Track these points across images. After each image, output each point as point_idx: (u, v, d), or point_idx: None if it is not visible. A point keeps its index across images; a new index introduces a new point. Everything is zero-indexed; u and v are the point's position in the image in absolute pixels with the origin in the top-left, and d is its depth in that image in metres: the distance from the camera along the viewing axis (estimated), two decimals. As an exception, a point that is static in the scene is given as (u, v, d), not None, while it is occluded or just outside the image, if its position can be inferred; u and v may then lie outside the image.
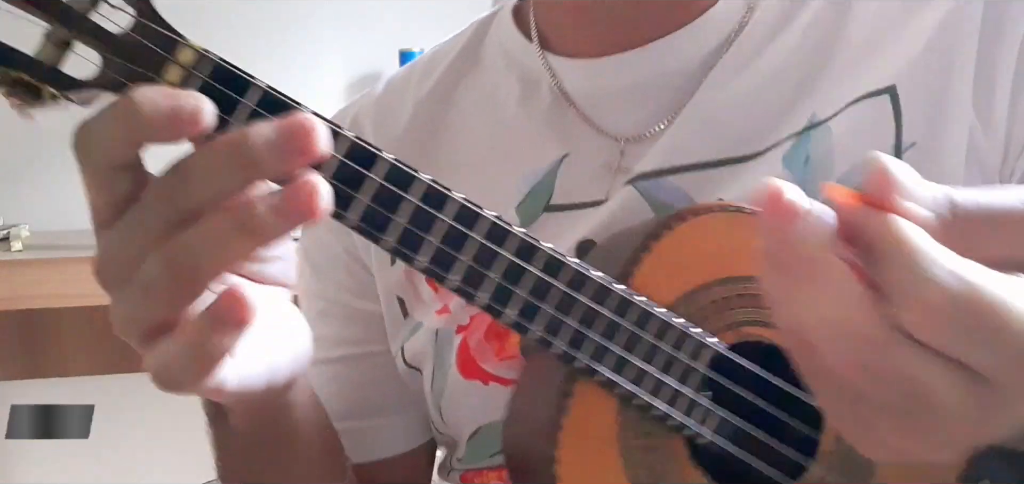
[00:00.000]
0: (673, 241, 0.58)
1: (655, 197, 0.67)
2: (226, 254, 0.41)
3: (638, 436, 0.56)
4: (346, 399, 0.75)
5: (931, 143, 0.63)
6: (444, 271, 0.50)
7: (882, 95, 0.64)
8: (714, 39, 0.69)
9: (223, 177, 0.41)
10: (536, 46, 0.73)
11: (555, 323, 0.53)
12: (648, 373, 0.55)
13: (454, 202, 0.50)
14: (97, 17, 0.44)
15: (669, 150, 0.68)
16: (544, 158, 0.71)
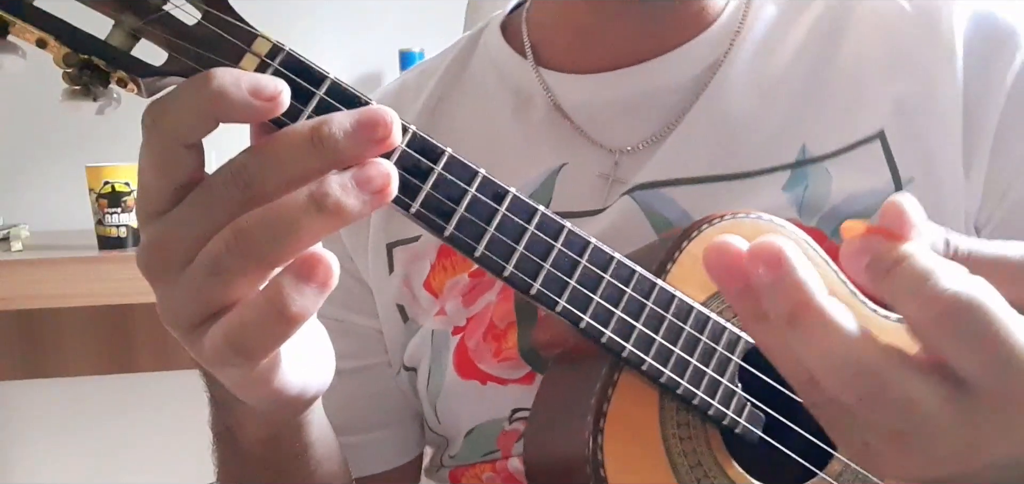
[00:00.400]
0: (702, 244, 0.59)
1: (652, 208, 0.68)
2: (301, 234, 0.41)
3: (677, 425, 0.57)
4: (343, 413, 0.74)
5: (928, 178, 0.65)
6: (503, 261, 0.51)
7: (873, 141, 0.67)
8: (707, 59, 0.71)
9: (303, 161, 0.42)
10: (530, 61, 0.75)
11: (604, 313, 0.54)
12: (690, 363, 0.56)
13: (509, 195, 0.51)
14: (170, 7, 0.45)
15: (666, 163, 0.69)
16: (541, 167, 0.72)
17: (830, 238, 0.65)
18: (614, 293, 0.54)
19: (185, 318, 0.44)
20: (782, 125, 0.69)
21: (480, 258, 0.51)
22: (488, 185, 0.51)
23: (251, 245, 0.41)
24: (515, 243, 0.52)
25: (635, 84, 0.71)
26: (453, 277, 0.72)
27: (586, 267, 0.53)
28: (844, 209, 0.65)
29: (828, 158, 0.67)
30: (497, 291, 0.70)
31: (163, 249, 0.43)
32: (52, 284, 1.61)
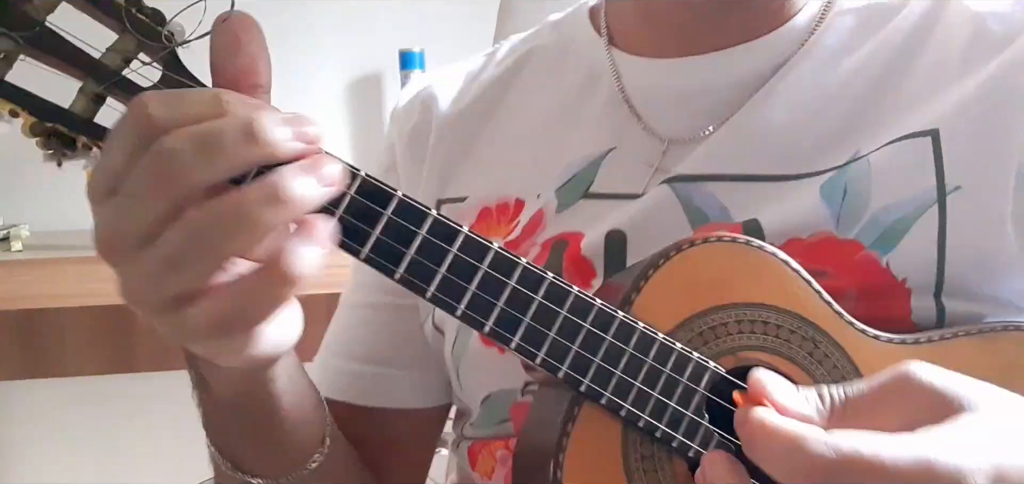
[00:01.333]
0: (672, 270, 0.60)
1: (689, 200, 0.70)
2: (257, 226, 0.44)
3: (641, 457, 0.58)
4: (369, 343, 0.80)
5: (977, 185, 0.65)
6: (454, 301, 0.53)
7: (924, 137, 0.66)
8: (772, 60, 0.72)
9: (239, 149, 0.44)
10: (604, 42, 0.78)
11: (559, 348, 0.56)
12: (650, 395, 0.57)
13: (461, 235, 0.53)
14: (129, 73, 0.48)
15: (710, 157, 0.71)
16: (593, 148, 0.75)
17: (868, 249, 0.65)
18: (571, 328, 0.56)
19: (147, 302, 0.46)
20: (839, 130, 0.69)
21: (432, 298, 0.53)
22: (439, 226, 0.53)
23: (208, 241, 0.44)
24: (466, 283, 0.54)
25: (697, 74, 0.73)
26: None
27: (541, 303, 0.55)
28: (883, 219, 0.65)
29: (873, 152, 0.67)
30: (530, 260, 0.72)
31: (111, 231, 0.46)
32: (52, 284, 1.65)
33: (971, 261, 0.64)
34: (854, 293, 0.64)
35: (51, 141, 0.48)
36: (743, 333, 0.60)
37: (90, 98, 0.49)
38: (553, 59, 0.82)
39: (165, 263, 0.44)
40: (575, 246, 0.71)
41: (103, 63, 0.48)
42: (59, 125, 0.48)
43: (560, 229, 0.73)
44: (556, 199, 0.74)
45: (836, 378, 0.59)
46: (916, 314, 0.64)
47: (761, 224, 0.67)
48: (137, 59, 0.48)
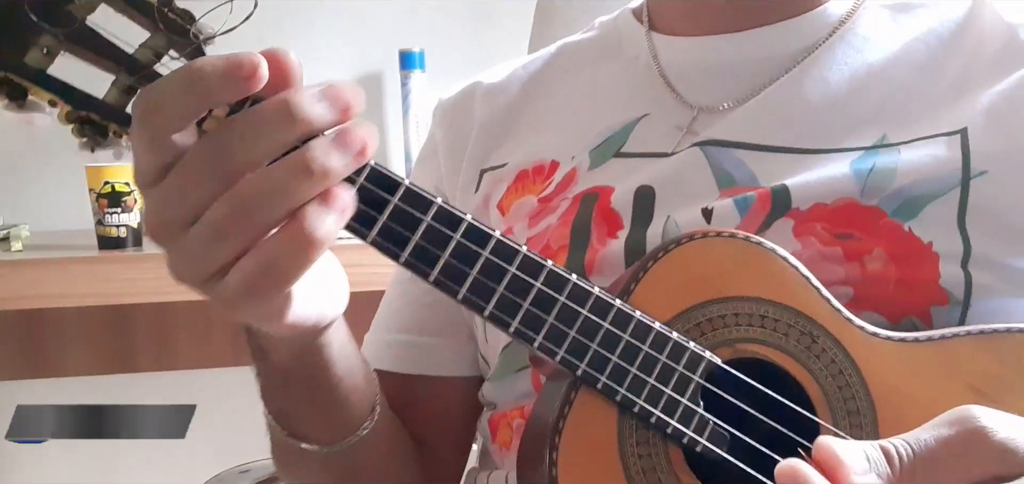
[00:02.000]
0: (671, 262, 0.62)
1: (719, 164, 0.73)
2: (293, 198, 0.49)
3: (636, 443, 0.59)
4: (409, 314, 0.85)
5: (1003, 171, 0.67)
6: (456, 285, 0.57)
7: (953, 136, 0.69)
8: (806, 40, 0.76)
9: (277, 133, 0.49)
10: (645, 27, 0.83)
11: (557, 334, 0.58)
12: (646, 382, 0.59)
13: (464, 223, 0.57)
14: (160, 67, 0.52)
15: (741, 126, 0.74)
16: (625, 115, 0.80)
17: (891, 216, 0.67)
18: (569, 314, 0.58)
19: (196, 276, 0.51)
20: (867, 116, 0.72)
21: (435, 281, 0.57)
22: (444, 214, 0.56)
23: (249, 213, 0.49)
24: (468, 268, 0.57)
25: (730, 50, 0.77)
26: (521, 197, 0.81)
27: (540, 289, 0.58)
28: (908, 191, 0.68)
29: (903, 144, 0.70)
30: (559, 214, 0.76)
31: (161, 217, 0.51)
32: (52, 284, 1.64)
33: (995, 233, 0.66)
34: (883, 255, 0.66)
35: (85, 129, 0.53)
36: (741, 326, 0.61)
37: (122, 90, 0.53)
38: (595, 48, 0.87)
39: (211, 237, 0.50)
40: (605, 199, 0.75)
41: (136, 58, 0.53)
42: (92, 114, 0.53)
43: (591, 184, 0.77)
44: (589, 159, 0.78)
45: (833, 373, 0.61)
46: (945, 279, 0.66)
47: (789, 188, 0.69)
48: (167, 55, 0.53)
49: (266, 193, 0.49)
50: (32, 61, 0.51)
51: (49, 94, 0.52)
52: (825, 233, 0.68)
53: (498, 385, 0.78)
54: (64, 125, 0.52)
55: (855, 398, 0.60)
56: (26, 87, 0.52)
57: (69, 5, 0.50)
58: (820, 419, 0.60)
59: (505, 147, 0.85)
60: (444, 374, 0.85)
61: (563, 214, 0.76)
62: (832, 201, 0.68)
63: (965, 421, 0.51)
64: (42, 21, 0.50)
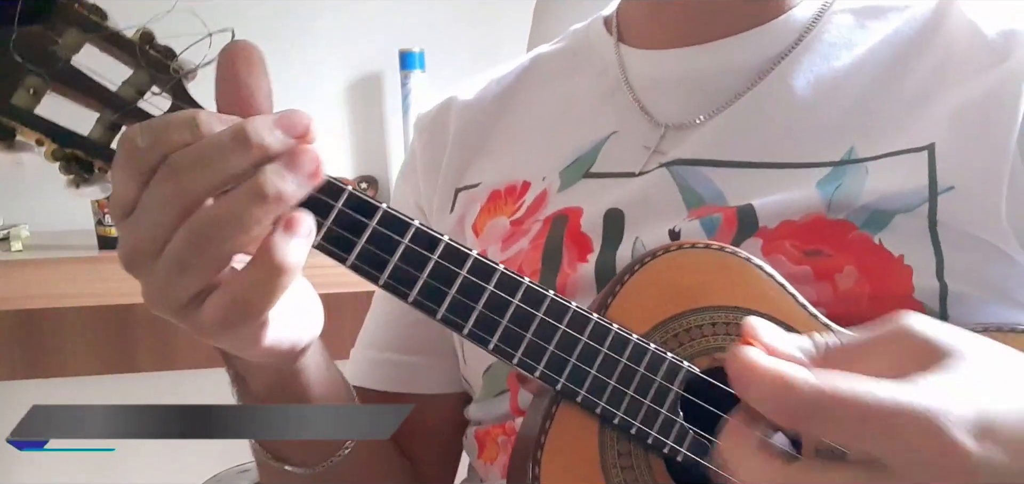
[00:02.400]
0: (647, 275, 0.64)
1: (686, 183, 0.74)
2: (249, 224, 0.51)
3: (618, 454, 0.61)
4: (393, 333, 0.86)
5: (969, 186, 0.67)
6: (435, 305, 0.58)
7: (920, 152, 0.69)
8: (774, 48, 0.77)
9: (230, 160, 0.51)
10: (614, 39, 0.84)
11: (536, 349, 0.60)
12: (625, 394, 0.60)
13: (442, 243, 0.58)
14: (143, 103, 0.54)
15: (707, 143, 0.75)
16: (596, 133, 0.80)
17: (861, 229, 0.68)
18: (547, 329, 0.60)
19: (168, 307, 0.53)
20: (835, 125, 0.72)
21: (414, 302, 0.58)
22: (421, 235, 0.58)
23: (207, 242, 0.51)
24: (446, 287, 0.58)
25: (696, 62, 0.78)
26: (494, 218, 0.81)
27: (518, 306, 0.59)
28: (875, 205, 0.68)
29: (870, 159, 0.70)
30: (530, 237, 0.77)
31: (128, 247, 0.53)
32: (52, 284, 1.67)
33: (966, 244, 0.67)
34: (854, 271, 0.66)
35: (71, 166, 0.55)
36: (718, 335, 0.62)
37: (106, 126, 0.55)
38: (566, 59, 0.88)
39: (174, 267, 0.51)
40: (575, 221, 0.76)
41: (119, 95, 0.55)
42: (78, 151, 0.55)
43: (561, 205, 0.78)
44: (559, 180, 0.79)
45: None
46: (919, 292, 0.66)
47: (755, 207, 0.70)
48: (150, 91, 0.55)
49: (221, 221, 0.51)
50: (19, 102, 0.53)
51: (36, 133, 0.54)
52: (794, 251, 0.68)
53: (481, 406, 0.79)
54: (51, 163, 0.54)
55: None
56: (14, 127, 0.54)
57: (54, 46, 0.52)
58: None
59: (478, 165, 0.86)
60: (429, 392, 0.86)
61: (534, 237, 0.77)
62: (799, 218, 0.69)
63: (895, 320, 0.51)
64: (28, 62, 0.52)
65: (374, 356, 0.87)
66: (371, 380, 0.86)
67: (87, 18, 0.53)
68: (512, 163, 0.84)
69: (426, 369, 0.86)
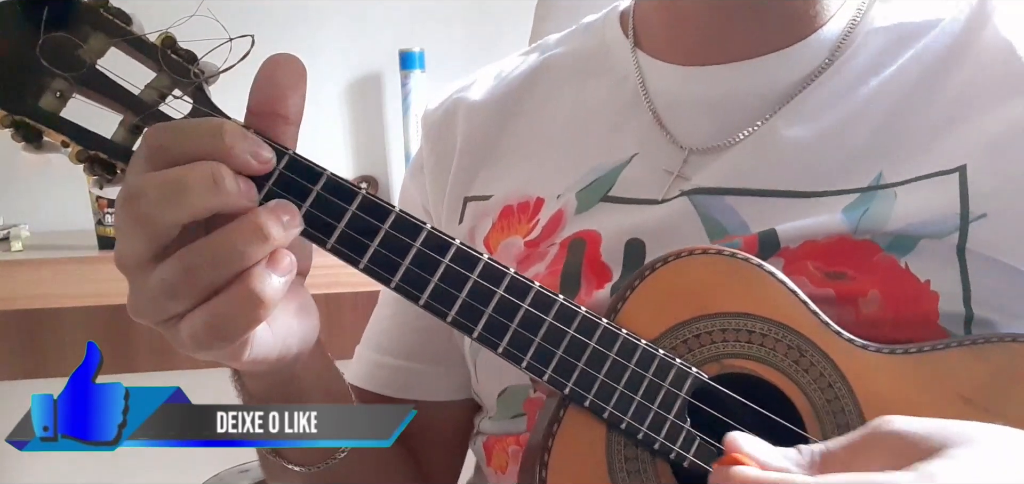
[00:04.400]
0: (657, 281, 0.64)
1: (708, 213, 0.72)
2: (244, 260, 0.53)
3: (625, 459, 0.61)
4: (397, 338, 0.86)
5: (1002, 212, 0.65)
6: (445, 307, 0.59)
7: (951, 175, 0.67)
8: (800, 71, 0.73)
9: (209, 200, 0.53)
10: (630, 43, 0.81)
11: (544, 353, 0.60)
12: (632, 399, 0.60)
13: (453, 247, 0.59)
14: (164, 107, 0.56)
15: (731, 170, 0.72)
16: (616, 154, 0.77)
17: (886, 251, 0.66)
18: (555, 334, 0.60)
19: (149, 319, 0.55)
20: (863, 151, 0.70)
21: (425, 305, 0.59)
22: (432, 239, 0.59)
23: (202, 274, 0.53)
24: (457, 291, 0.59)
25: (722, 83, 0.74)
26: (507, 237, 0.79)
27: (527, 311, 0.60)
28: (902, 233, 0.66)
29: (899, 185, 0.68)
30: (547, 262, 0.75)
31: (119, 256, 0.55)
32: (52, 284, 1.67)
33: (996, 274, 0.65)
34: (878, 296, 0.66)
35: (94, 167, 0.56)
36: (727, 341, 0.62)
37: (129, 129, 0.57)
38: (581, 60, 0.84)
39: (163, 292, 0.53)
40: (594, 248, 0.74)
41: (141, 98, 0.56)
42: (101, 153, 0.57)
43: (579, 228, 0.76)
44: (576, 200, 0.77)
45: (822, 386, 0.62)
46: (944, 319, 0.65)
47: (777, 232, 0.69)
48: (171, 94, 0.56)
49: (221, 258, 0.53)
50: (46, 105, 0.55)
51: (62, 136, 0.56)
52: (817, 273, 0.67)
53: (495, 423, 0.79)
54: (75, 164, 0.56)
55: (844, 411, 0.61)
56: (41, 130, 0.55)
57: (79, 50, 0.54)
58: (809, 433, 0.61)
59: (488, 173, 0.83)
60: (436, 399, 0.86)
61: (551, 262, 0.76)
62: (823, 238, 0.68)
63: (874, 421, 0.52)
64: (54, 66, 0.54)
65: (380, 360, 0.87)
66: (376, 384, 0.86)
67: (112, 23, 0.55)
68: (525, 176, 0.81)
69: (433, 376, 0.85)
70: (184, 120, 0.56)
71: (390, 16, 2.07)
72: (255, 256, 0.53)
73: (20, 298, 1.60)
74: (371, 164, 2.11)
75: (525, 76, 0.86)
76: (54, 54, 0.54)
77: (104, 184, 0.57)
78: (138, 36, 0.55)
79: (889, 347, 0.63)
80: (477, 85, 0.88)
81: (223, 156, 0.54)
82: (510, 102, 0.85)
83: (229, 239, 0.53)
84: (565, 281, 0.74)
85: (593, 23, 0.87)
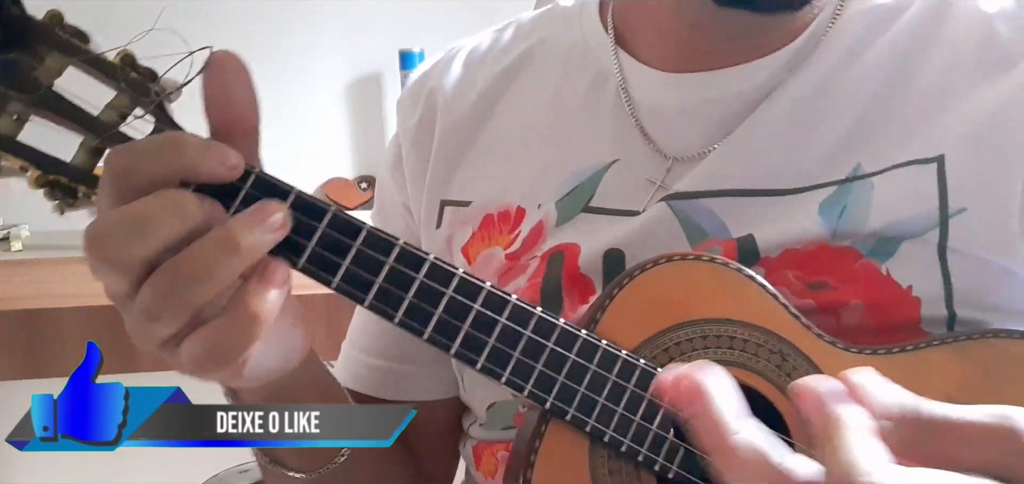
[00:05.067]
0: (636, 289, 0.63)
1: (687, 217, 0.70)
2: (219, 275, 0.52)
3: (609, 472, 0.61)
4: (384, 339, 0.85)
5: (982, 208, 0.65)
6: (421, 325, 0.58)
7: (929, 164, 0.66)
8: (781, 69, 0.71)
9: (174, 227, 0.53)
10: (611, 41, 0.78)
11: (523, 368, 0.60)
12: (614, 411, 0.60)
13: (427, 263, 0.58)
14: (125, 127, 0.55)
15: (710, 173, 0.71)
16: (596, 159, 0.75)
17: (867, 257, 0.66)
18: (534, 348, 0.60)
19: (145, 345, 0.55)
20: (841, 142, 0.68)
21: (400, 323, 0.59)
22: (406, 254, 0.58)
23: (174, 295, 0.52)
24: (433, 308, 0.59)
25: (706, 90, 0.72)
26: (488, 248, 0.78)
27: (505, 325, 0.59)
28: (882, 233, 0.65)
29: (876, 174, 0.67)
30: (528, 276, 0.74)
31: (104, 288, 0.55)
32: (52, 284, 1.69)
33: (976, 270, 0.65)
34: (860, 305, 0.65)
35: (55, 192, 0.56)
36: (709, 348, 0.62)
37: (89, 152, 0.56)
38: (559, 54, 0.81)
39: (143, 316, 0.53)
40: (572, 260, 0.73)
41: (101, 119, 0.55)
42: (62, 177, 0.56)
43: (558, 241, 0.74)
44: (556, 211, 0.75)
45: None
46: (926, 323, 0.64)
47: (756, 239, 0.68)
48: (132, 114, 0.55)
49: (195, 275, 0.52)
50: (2, 128, 0.54)
51: (19, 160, 0.55)
52: (797, 283, 0.66)
53: (485, 431, 0.78)
54: (35, 189, 0.56)
55: None
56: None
57: (35, 71, 0.53)
58: (793, 438, 0.60)
59: (465, 174, 0.81)
60: (424, 399, 0.85)
61: (531, 276, 0.74)
62: (802, 246, 0.67)
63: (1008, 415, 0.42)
64: (9, 88, 0.53)
65: (367, 361, 0.86)
66: (363, 385, 0.86)
67: (69, 42, 0.53)
68: (504, 181, 0.79)
69: (420, 377, 0.85)
70: (145, 140, 0.55)
71: (390, 16, 2.07)
72: (230, 268, 0.52)
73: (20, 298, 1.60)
74: (371, 164, 2.11)
75: (502, 70, 0.83)
76: (9, 75, 0.53)
77: (66, 209, 0.56)
78: (96, 55, 0.54)
79: (871, 348, 0.63)
80: (452, 70, 0.85)
81: (189, 171, 0.53)
82: (487, 100, 0.82)
83: (199, 254, 0.52)
84: (545, 296, 0.73)
85: (570, 11, 0.84)
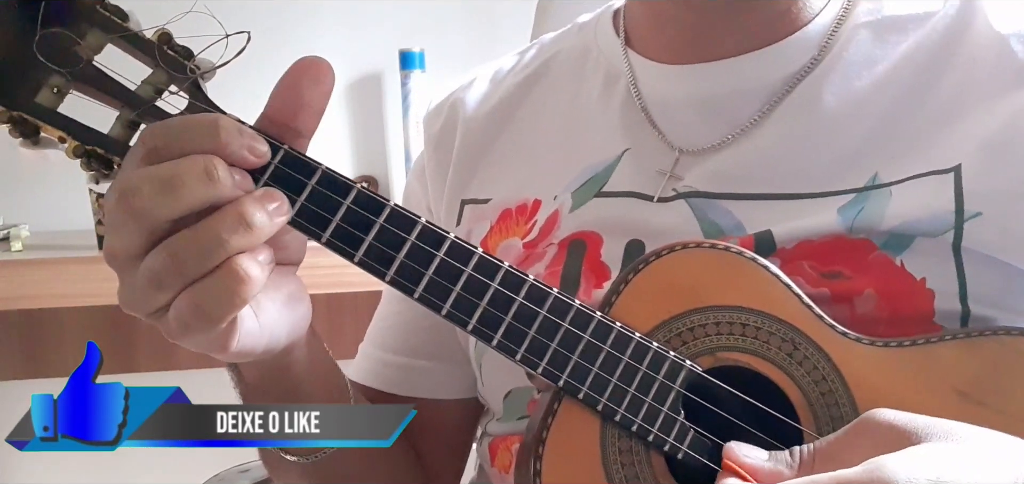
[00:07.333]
0: (652, 274, 0.64)
1: (706, 215, 0.72)
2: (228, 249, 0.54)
3: (619, 451, 0.62)
4: (401, 335, 0.87)
5: (997, 213, 0.66)
6: (440, 301, 0.60)
7: (946, 174, 0.67)
8: (788, 68, 0.74)
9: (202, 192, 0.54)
10: (621, 43, 0.82)
11: (538, 346, 0.61)
12: (626, 391, 0.61)
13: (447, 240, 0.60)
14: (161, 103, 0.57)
15: (725, 173, 0.73)
16: (609, 152, 0.78)
17: (881, 249, 0.67)
18: (550, 327, 0.61)
19: (139, 311, 0.56)
20: (858, 150, 0.70)
21: (420, 298, 0.60)
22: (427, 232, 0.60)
23: (185, 265, 0.54)
24: (452, 284, 0.60)
25: (712, 81, 0.75)
26: (506, 239, 0.80)
27: (522, 303, 0.61)
28: (898, 232, 0.67)
29: (894, 184, 0.68)
30: (546, 263, 0.76)
31: (109, 250, 0.57)
32: (52, 284, 1.68)
33: (992, 272, 0.66)
34: (874, 295, 0.66)
35: (91, 162, 0.57)
36: (722, 334, 0.63)
37: (125, 125, 0.58)
38: (575, 61, 0.85)
39: (150, 283, 0.54)
40: (594, 250, 0.75)
41: (138, 94, 0.57)
42: (98, 148, 0.58)
43: (574, 228, 0.77)
44: (571, 200, 0.78)
45: (816, 379, 0.62)
46: (940, 316, 0.65)
47: (773, 234, 0.69)
48: (168, 90, 0.57)
49: (205, 247, 0.54)
50: (43, 100, 0.56)
51: (58, 131, 0.56)
52: (812, 272, 0.68)
53: (502, 425, 0.80)
54: (72, 159, 0.57)
55: (838, 404, 0.62)
56: (38, 125, 0.56)
57: (76, 46, 0.55)
58: (803, 426, 0.62)
59: (484, 175, 0.84)
60: (440, 397, 0.86)
61: (550, 263, 0.76)
62: (818, 238, 0.68)
63: (863, 415, 0.54)
64: (51, 62, 0.54)
65: (384, 357, 0.87)
66: (380, 382, 0.87)
67: (109, 19, 0.56)
68: (522, 178, 0.82)
69: (437, 374, 0.86)
70: (180, 117, 0.57)
71: (390, 16, 2.07)
72: (239, 244, 0.54)
73: (20, 298, 1.60)
74: (371, 164, 2.12)
75: (522, 80, 0.87)
76: (51, 50, 0.55)
77: (101, 179, 0.58)
78: (135, 32, 0.56)
79: (883, 340, 0.64)
80: (476, 86, 0.89)
81: (218, 151, 0.55)
82: (507, 106, 0.86)
83: (213, 227, 0.54)
84: (565, 282, 0.74)
85: (587, 23, 0.88)
